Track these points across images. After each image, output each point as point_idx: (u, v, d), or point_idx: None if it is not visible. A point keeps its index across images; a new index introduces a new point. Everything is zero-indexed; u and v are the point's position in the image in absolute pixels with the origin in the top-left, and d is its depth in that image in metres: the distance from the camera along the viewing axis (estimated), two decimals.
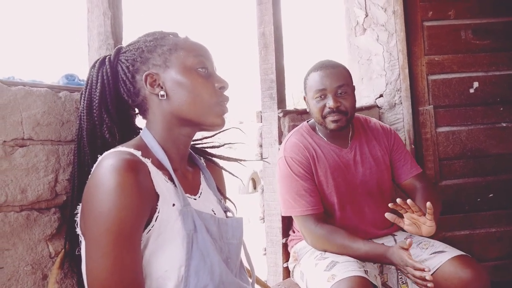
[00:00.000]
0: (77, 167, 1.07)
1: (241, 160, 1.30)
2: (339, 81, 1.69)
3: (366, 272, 1.46)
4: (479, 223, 2.45)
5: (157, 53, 1.03)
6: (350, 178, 1.75)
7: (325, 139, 1.80)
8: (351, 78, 1.78)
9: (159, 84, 1.02)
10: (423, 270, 1.32)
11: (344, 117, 1.69)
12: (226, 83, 1.06)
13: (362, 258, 1.53)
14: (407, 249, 1.38)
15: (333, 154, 1.76)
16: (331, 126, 1.70)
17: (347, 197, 1.73)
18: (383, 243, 1.72)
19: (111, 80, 1.05)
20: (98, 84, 1.05)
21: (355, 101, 1.76)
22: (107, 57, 1.08)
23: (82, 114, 1.06)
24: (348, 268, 1.45)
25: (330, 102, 1.67)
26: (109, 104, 1.05)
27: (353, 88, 1.76)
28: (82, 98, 1.07)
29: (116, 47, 1.11)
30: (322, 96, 1.70)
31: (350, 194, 1.74)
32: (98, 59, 1.09)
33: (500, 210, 2.47)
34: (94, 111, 1.05)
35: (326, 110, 1.69)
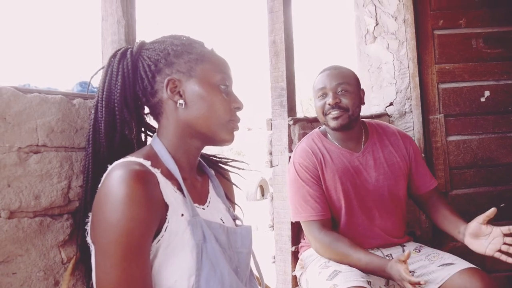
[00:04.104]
0: (91, 169, 1.05)
1: (246, 169, 1.32)
2: (339, 79, 1.70)
3: (369, 283, 1.45)
4: None
5: (183, 60, 1.03)
6: (360, 183, 1.73)
7: (336, 143, 1.78)
8: (356, 80, 1.77)
9: (178, 92, 1.02)
10: (418, 283, 1.30)
11: (346, 114, 1.68)
12: (242, 105, 1.07)
13: (362, 269, 1.51)
14: (404, 262, 1.36)
15: (342, 158, 1.74)
16: (332, 124, 1.70)
17: (356, 202, 1.72)
18: (390, 254, 1.71)
19: (131, 74, 1.04)
20: (119, 76, 1.04)
21: (358, 100, 1.74)
22: (129, 49, 1.07)
23: (99, 104, 1.04)
24: (350, 278, 1.44)
25: (329, 99, 1.69)
26: (129, 98, 1.05)
27: (356, 89, 1.74)
28: (100, 88, 1.05)
29: (140, 41, 1.10)
30: (324, 95, 1.72)
31: (359, 198, 1.72)
32: (120, 50, 1.08)
33: None
34: (116, 104, 1.03)
35: (326, 107, 1.70)
